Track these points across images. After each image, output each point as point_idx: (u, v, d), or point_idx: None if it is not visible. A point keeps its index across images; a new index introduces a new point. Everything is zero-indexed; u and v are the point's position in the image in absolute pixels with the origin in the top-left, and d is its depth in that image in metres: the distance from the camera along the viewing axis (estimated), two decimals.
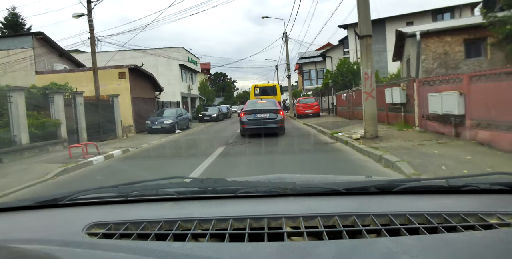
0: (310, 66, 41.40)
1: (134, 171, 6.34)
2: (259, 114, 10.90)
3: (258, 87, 24.42)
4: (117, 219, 1.01)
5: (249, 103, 12.45)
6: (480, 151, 5.49)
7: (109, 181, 5.39)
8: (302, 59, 41.69)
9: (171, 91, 25.23)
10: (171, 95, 24.81)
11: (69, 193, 1.18)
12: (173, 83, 26.05)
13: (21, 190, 5.12)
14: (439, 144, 6.45)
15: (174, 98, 24.85)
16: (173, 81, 26.34)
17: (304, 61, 41.17)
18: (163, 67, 26.36)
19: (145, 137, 13.15)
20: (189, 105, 28.64)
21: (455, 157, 5.09)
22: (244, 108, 11.49)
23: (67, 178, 6.06)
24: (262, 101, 12.47)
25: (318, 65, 41.53)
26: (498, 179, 1.15)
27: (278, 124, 10.42)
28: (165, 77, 25.09)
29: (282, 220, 0.96)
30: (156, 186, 1.23)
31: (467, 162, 4.74)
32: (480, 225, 0.89)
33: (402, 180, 1.34)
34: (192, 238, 0.90)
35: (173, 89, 25.98)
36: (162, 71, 26.02)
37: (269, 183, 1.23)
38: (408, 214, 0.96)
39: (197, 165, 6.04)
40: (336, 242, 0.83)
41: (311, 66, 41.35)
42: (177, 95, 25.81)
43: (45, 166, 6.88)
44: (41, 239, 0.91)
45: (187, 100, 28.53)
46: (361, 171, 4.92)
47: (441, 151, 5.65)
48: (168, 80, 25.61)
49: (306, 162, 6.04)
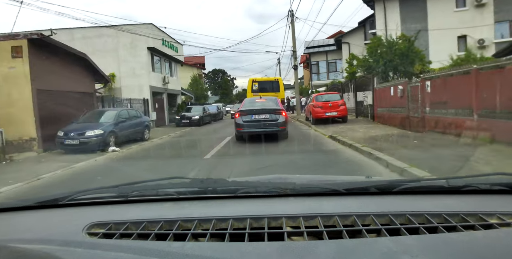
0: (319, 57, 36.57)
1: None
2: (257, 115, 9.81)
3: (257, 82, 20.76)
4: (117, 219, 1.03)
5: (246, 102, 11.46)
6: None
7: None
8: (310, 49, 36.38)
9: (136, 85, 21.01)
10: (136, 90, 20.85)
11: (69, 193, 1.20)
12: (139, 74, 21.40)
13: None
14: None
15: (140, 93, 20.73)
16: (139, 70, 21.46)
17: (312, 51, 36.10)
18: (126, 52, 21.52)
19: (39, 164, 8.44)
20: (165, 103, 24.78)
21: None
22: (240, 108, 10.62)
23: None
24: (261, 100, 11.10)
25: (330, 55, 35.95)
26: (498, 179, 1.17)
27: (279, 127, 9.57)
28: (128, 65, 20.96)
29: (282, 220, 0.98)
30: (156, 186, 1.25)
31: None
32: (480, 225, 0.92)
33: (402, 180, 1.35)
34: (192, 238, 0.92)
35: (138, 82, 21.38)
36: (125, 57, 21.40)
37: (269, 183, 1.26)
38: (408, 214, 0.98)
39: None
40: (336, 241, 0.85)
41: (320, 56, 36.42)
42: (145, 89, 21.31)
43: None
44: (41, 239, 0.93)
45: (162, 96, 24.61)
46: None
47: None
48: (132, 70, 21.20)
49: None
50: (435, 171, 4.69)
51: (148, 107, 19.64)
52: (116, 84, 19.70)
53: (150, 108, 19.84)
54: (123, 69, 19.90)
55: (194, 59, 55.66)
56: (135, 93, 19.18)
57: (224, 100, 53.96)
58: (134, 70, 19.99)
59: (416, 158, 5.57)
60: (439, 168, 4.93)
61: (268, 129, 9.51)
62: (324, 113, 14.06)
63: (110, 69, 19.43)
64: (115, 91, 19.63)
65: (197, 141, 11.65)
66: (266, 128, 9.52)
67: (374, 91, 13.82)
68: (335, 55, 32.81)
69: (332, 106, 14.09)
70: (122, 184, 1.28)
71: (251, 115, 9.77)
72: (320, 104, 14.26)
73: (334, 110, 14.00)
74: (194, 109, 21.28)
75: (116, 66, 19.68)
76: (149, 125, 12.89)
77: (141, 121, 12.41)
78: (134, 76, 19.83)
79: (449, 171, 4.94)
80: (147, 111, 19.32)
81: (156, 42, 20.93)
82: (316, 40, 33.77)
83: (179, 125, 19.49)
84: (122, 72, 19.82)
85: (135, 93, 19.18)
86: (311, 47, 33.24)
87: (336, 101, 14.45)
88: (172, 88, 24.38)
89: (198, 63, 52.18)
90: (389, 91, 11.74)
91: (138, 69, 20.04)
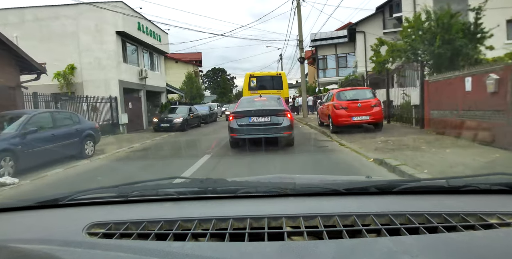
0: (327, 51, 31.97)
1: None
2: (256, 118, 8.61)
3: (255, 77, 17.14)
4: (117, 219, 1.07)
5: (242, 101, 10.05)
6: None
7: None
8: (317, 42, 31.84)
9: (102, 79, 17.03)
10: (102, 86, 16.93)
11: (69, 193, 1.24)
12: (105, 65, 17.24)
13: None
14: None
15: (107, 90, 16.91)
16: (106, 61, 17.29)
17: (319, 43, 31.61)
18: (89, 37, 17.28)
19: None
20: (143, 103, 20.73)
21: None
22: (234, 109, 9.55)
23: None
24: (261, 99, 9.72)
25: (339, 48, 31.34)
26: (498, 179, 1.21)
27: (283, 133, 8.49)
28: (91, 54, 17.15)
29: (282, 220, 1.01)
30: (156, 186, 1.29)
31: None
32: (480, 225, 0.95)
33: (402, 180, 1.48)
34: (192, 238, 0.95)
35: (105, 76, 17.20)
36: (88, 44, 17.30)
37: (269, 183, 1.30)
38: (408, 214, 1.02)
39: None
40: (336, 241, 0.88)
41: (329, 50, 31.84)
42: (113, 85, 17.25)
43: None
44: (41, 239, 0.96)
45: (139, 94, 20.63)
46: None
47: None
48: (97, 60, 17.25)
49: None
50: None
51: (117, 108, 17.34)
52: (76, 79, 17.17)
53: (120, 109, 17.65)
54: (85, 59, 17.49)
55: (190, 55, 52.15)
56: (100, 90, 16.85)
57: (222, 99, 53.62)
58: (99, 61, 17.38)
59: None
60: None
61: (270, 135, 8.46)
62: (350, 117, 10.88)
63: (70, 59, 16.99)
64: (75, 88, 17.07)
65: (167, 158, 9.29)
66: (266, 134, 8.43)
67: (426, 85, 10.74)
68: (346, 48, 30.82)
69: (361, 107, 10.87)
70: (122, 184, 1.34)
71: (248, 118, 8.59)
72: (345, 105, 11.07)
73: (365, 113, 10.81)
74: (179, 110, 18.74)
75: (77, 55, 17.20)
76: (93, 135, 10.11)
77: (79, 129, 9.51)
78: (99, 68, 17.27)
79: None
80: (115, 113, 16.98)
81: (129, 25, 18.54)
82: (324, 32, 29.65)
83: (158, 130, 17.18)
84: (84, 63, 17.43)
85: (100, 90, 16.85)
86: (317, 39, 30.87)
87: (367, 100, 11.20)
88: (153, 84, 20.95)
89: (194, 60, 50.80)
90: (460, 85, 8.58)
91: (105, 60, 17.43)
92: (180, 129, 16.79)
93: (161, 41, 22.26)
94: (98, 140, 10.45)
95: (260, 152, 8.56)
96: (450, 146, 7.50)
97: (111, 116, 16.67)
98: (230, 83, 67.52)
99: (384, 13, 24.18)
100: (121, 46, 17.81)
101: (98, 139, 10.44)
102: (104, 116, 16.28)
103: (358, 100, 10.96)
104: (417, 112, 11.21)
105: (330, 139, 10.48)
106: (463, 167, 5.64)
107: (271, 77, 17.36)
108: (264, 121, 8.52)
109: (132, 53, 19.71)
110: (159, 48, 22.16)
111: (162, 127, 16.85)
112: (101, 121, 15.81)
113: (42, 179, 6.98)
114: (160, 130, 16.91)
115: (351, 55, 29.26)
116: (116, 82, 17.10)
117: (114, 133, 16.42)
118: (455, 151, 6.99)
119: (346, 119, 10.78)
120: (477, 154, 6.60)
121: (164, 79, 25.51)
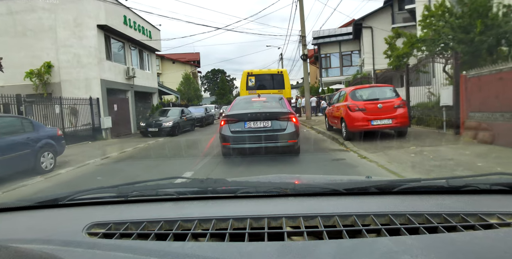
0: (331, 48, 29.86)
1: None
2: (254, 123, 7.09)
3: (254, 76, 14.98)
4: (117, 219, 1.07)
5: (237, 102, 8.49)
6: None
7: None
8: (319, 39, 29.78)
9: (82, 78, 15.28)
10: (82, 86, 15.12)
11: (69, 193, 1.24)
12: (85, 63, 15.40)
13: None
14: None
15: (88, 91, 15.14)
16: (87, 58, 15.45)
17: (321, 41, 29.42)
18: (68, 32, 15.37)
19: None
20: (131, 105, 18.55)
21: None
22: (227, 111, 8.18)
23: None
24: (259, 99, 8.23)
25: (343, 46, 29.35)
26: (498, 179, 1.21)
27: (287, 141, 7.03)
28: (70, 51, 15.31)
29: (282, 220, 1.02)
30: (156, 186, 1.28)
31: None
32: (480, 225, 0.95)
33: (402, 180, 1.35)
34: (192, 238, 0.95)
35: (85, 75, 15.39)
36: (66, 40, 15.32)
37: (269, 183, 1.29)
38: (408, 214, 1.02)
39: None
40: (336, 241, 0.88)
41: (332, 48, 29.75)
42: (95, 85, 15.37)
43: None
44: (41, 239, 0.96)
45: (126, 95, 18.50)
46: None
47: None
48: (76, 57, 15.35)
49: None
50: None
51: (99, 110, 15.92)
52: (53, 79, 15.55)
53: (102, 112, 16.28)
54: (63, 56, 15.89)
55: (188, 56, 51.11)
56: (81, 91, 15.48)
57: (221, 101, 53.00)
58: (79, 58, 15.79)
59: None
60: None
61: (270, 144, 6.94)
62: (368, 121, 9.06)
63: (46, 57, 15.34)
64: (52, 88, 15.42)
65: (139, 176, 7.16)
66: (267, 143, 6.90)
67: (463, 81, 8.83)
68: (351, 46, 28.74)
69: (382, 109, 9.11)
70: (122, 184, 1.34)
71: (243, 122, 7.06)
72: (362, 106, 9.31)
73: (387, 115, 9.02)
74: (171, 112, 17.31)
75: (54, 52, 15.69)
76: (53, 145, 8.38)
77: (31, 138, 7.83)
78: (79, 66, 15.70)
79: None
80: (97, 116, 15.50)
81: (113, 18, 16.94)
82: (326, 30, 27.72)
83: (146, 135, 15.86)
84: (63, 61, 15.86)
85: (81, 91, 15.48)
86: (320, 37, 27.70)
87: (389, 100, 9.39)
88: (142, 84, 19.17)
89: (192, 60, 48.78)
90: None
91: (85, 57, 15.88)
92: (170, 134, 15.57)
93: (151, 37, 20.86)
94: (61, 150, 9.02)
95: (257, 166, 7.29)
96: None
97: (91, 120, 15.57)
98: (230, 84, 68.75)
99: (392, 7, 23.02)
100: (104, 42, 16.48)
101: (61, 148, 8.99)
102: (84, 120, 15.21)
103: (378, 100, 9.32)
104: (449, 114, 9.45)
105: (344, 148, 8.96)
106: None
107: (272, 75, 15.55)
108: (263, 127, 7.22)
109: (119, 51, 18.40)
110: (149, 46, 20.85)
111: (150, 132, 15.65)
112: (80, 126, 15.03)
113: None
114: (148, 135, 15.79)
115: (355, 54, 28.40)
116: (97, 81, 15.79)
117: (95, 138, 15.52)
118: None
119: (364, 123, 9.12)
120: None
121: (156, 79, 24.14)
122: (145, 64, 21.61)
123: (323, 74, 29.96)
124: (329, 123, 12.42)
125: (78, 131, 14.44)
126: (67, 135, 13.17)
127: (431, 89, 10.97)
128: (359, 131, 9.21)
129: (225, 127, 7.21)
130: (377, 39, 23.20)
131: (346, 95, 10.10)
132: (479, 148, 7.21)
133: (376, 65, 23.72)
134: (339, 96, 11.25)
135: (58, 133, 8.93)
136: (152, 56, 22.77)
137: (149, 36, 20.42)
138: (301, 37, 20.23)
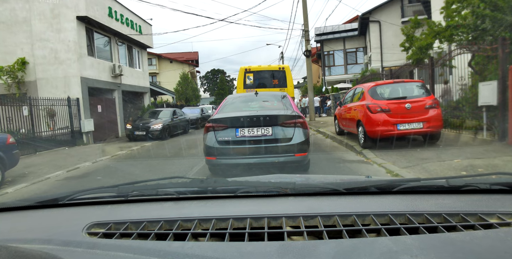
0: (334, 45, 27.74)
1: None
2: (248, 130, 5.27)
3: (252, 72, 12.97)
4: (117, 219, 1.08)
5: (228, 101, 6.57)
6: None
7: None
8: (322, 36, 27.66)
9: (60, 76, 13.63)
10: (60, 85, 13.49)
11: (69, 192, 1.24)
12: (63, 59, 13.72)
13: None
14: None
15: (67, 90, 13.50)
16: (65, 54, 13.72)
17: (325, 38, 27.28)
18: (44, 25, 13.66)
19: None
20: (118, 105, 16.81)
21: None
22: (213, 115, 6.19)
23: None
24: (257, 98, 6.42)
25: (348, 43, 27.21)
26: (498, 179, 1.20)
27: (294, 155, 5.25)
28: (47, 45, 13.73)
29: (282, 220, 1.03)
30: (156, 185, 1.28)
31: None
32: (480, 224, 0.95)
33: (402, 180, 1.34)
34: (192, 237, 0.96)
35: (64, 72, 13.66)
36: (42, 33, 13.66)
37: (269, 183, 1.29)
38: (408, 214, 1.02)
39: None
40: (336, 241, 0.88)
41: (336, 44, 27.60)
42: (74, 84, 13.60)
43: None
44: (41, 239, 0.96)
45: (113, 95, 16.81)
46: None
47: None
48: (53, 53, 13.69)
49: None
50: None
51: (79, 112, 14.44)
52: (29, 77, 14.18)
53: (83, 114, 14.72)
54: (39, 52, 14.44)
55: (186, 55, 49.81)
56: (59, 90, 14.06)
57: (220, 101, 47.77)
58: (56, 54, 14.23)
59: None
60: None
61: (271, 158, 5.17)
62: (393, 125, 7.39)
63: (20, 52, 13.96)
64: (27, 87, 14.01)
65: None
66: (266, 157, 5.18)
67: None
68: (356, 43, 27.61)
69: (411, 109, 7.47)
70: (122, 183, 1.35)
71: (234, 129, 5.28)
72: (385, 106, 7.65)
73: (417, 118, 7.37)
74: (162, 114, 15.97)
75: (29, 47, 14.30)
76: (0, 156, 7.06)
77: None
78: (57, 63, 14.17)
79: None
80: (77, 118, 14.00)
81: (95, 10, 15.36)
82: (330, 26, 26.23)
83: (133, 139, 14.56)
84: (38, 57, 14.48)
85: (59, 90, 14.06)
86: (323, 34, 25.74)
87: (418, 99, 7.71)
88: (132, 83, 17.39)
89: (191, 60, 47.51)
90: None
91: (63, 52, 14.34)
92: (159, 137, 14.40)
93: (141, 32, 19.55)
94: (12, 162, 7.59)
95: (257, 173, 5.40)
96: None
97: (70, 123, 14.38)
98: (230, 84, 70.19)
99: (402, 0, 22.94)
100: (85, 36, 15.32)
101: (12, 160, 7.52)
102: (63, 123, 14.21)
103: (405, 100, 7.75)
104: (491, 116, 7.80)
105: (364, 159, 7.39)
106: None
107: (272, 72, 13.73)
108: (261, 135, 5.41)
109: (105, 46, 17.19)
110: (139, 41, 19.59)
111: (137, 135, 14.52)
112: (57, 130, 13.47)
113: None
114: (134, 139, 14.66)
115: (360, 52, 27.41)
116: (77, 80, 14.54)
117: (74, 143, 14.60)
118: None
119: (388, 128, 7.55)
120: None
121: (148, 78, 22.82)
122: (135, 62, 20.28)
123: (326, 73, 28.72)
124: (340, 127, 10.89)
125: (55, 135, 13.10)
126: (42, 139, 12.23)
127: (463, 85, 9.17)
128: (382, 137, 7.55)
129: (209, 135, 5.49)
130: (386, 34, 22.45)
131: (364, 93, 8.43)
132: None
133: (384, 62, 22.63)
134: (354, 94, 9.60)
135: (9, 140, 7.29)
136: (143, 53, 21.39)
137: (139, 31, 19.15)
138: (304, 32, 19.36)
